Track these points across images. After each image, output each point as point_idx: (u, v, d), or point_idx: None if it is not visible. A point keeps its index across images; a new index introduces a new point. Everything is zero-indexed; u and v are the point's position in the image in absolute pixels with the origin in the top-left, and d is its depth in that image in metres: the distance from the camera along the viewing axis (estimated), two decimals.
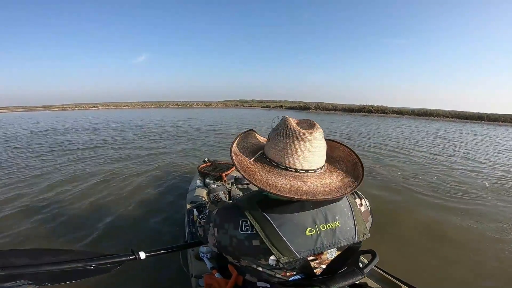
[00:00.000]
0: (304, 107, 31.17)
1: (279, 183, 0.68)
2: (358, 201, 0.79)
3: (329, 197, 0.66)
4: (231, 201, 0.84)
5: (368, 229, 0.76)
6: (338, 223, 0.68)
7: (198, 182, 2.46)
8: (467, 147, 7.93)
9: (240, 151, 0.79)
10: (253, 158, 0.76)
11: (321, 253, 0.71)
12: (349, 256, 0.73)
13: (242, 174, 0.72)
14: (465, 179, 4.31)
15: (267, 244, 0.64)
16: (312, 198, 0.65)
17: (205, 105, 41.47)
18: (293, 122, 0.76)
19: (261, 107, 38.61)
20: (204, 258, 1.14)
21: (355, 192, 0.81)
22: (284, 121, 0.76)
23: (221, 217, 0.75)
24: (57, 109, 36.68)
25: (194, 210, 1.65)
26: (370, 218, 0.81)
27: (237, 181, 2.20)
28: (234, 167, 2.65)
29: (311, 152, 0.70)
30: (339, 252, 0.74)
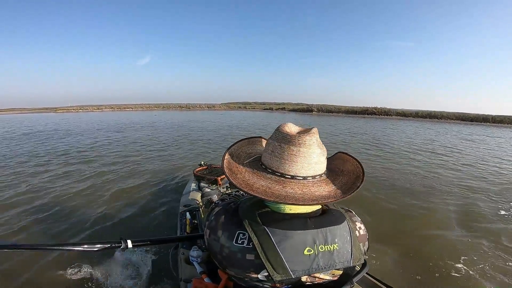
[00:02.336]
0: (307, 110, 31.12)
1: (257, 184, 0.67)
2: (358, 224, 0.77)
3: (300, 203, 0.63)
4: (230, 202, 0.81)
5: (364, 253, 0.74)
6: (337, 245, 0.66)
7: (193, 185, 2.46)
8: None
9: (238, 153, 0.79)
10: (247, 161, 0.76)
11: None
12: (344, 281, 0.71)
13: (224, 172, 0.71)
14: None
15: (262, 259, 0.62)
16: (283, 201, 0.63)
17: (208, 107, 41.58)
18: (289, 126, 0.74)
19: (264, 109, 38.64)
20: (194, 262, 1.13)
21: (355, 216, 0.79)
22: (280, 125, 0.75)
23: (217, 222, 0.72)
24: (61, 111, 37.03)
25: (187, 213, 1.66)
26: (367, 242, 0.78)
27: (232, 185, 2.18)
28: None
29: (299, 157, 0.67)
30: (333, 272, 0.70)
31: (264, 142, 0.90)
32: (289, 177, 0.68)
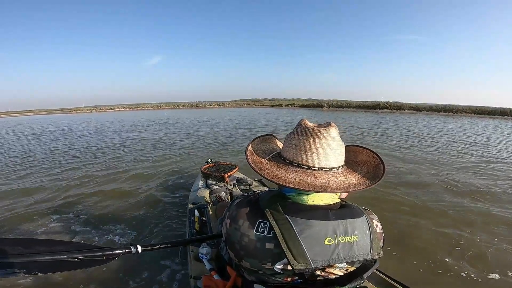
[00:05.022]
0: (317, 105, 30.79)
1: (289, 177, 0.68)
2: (375, 222, 0.78)
3: (340, 191, 0.66)
4: (250, 195, 0.82)
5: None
6: (357, 237, 0.67)
7: (201, 182, 2.48)
8: None
9: (255, 151, 0.81)
10: (267, 157, 0.77)
11: (332, 265, 0.69)
12: (360, 273, 0.71)
13: (253, 169, 0.72)
14: None
15: (284, 248, 0.62)
16: (321, 190, 0.65)
17: (217, 105, 41.80)
18: (308, 121, 0.76)
19: (273, 105, 38.49)
20: (203, 259, 1.13)
21: (372, 214, 0.80)
22: (299, 121, 0.77)
23: (239, 212, 0.73)
24: (76, 111, 38.09)
25: (195, 210, 1.68)
26: (382, 240, 0.79)
27: (239, 182, 2.19)
28: (236, 168, 2.66)
29: (325, 150, 0.70)
30: (347, 267, 0.71)
31: (274, 140, 0.92)
32: (317, 169, 0.70)
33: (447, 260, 1.99)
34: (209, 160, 3.03)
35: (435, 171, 4.44)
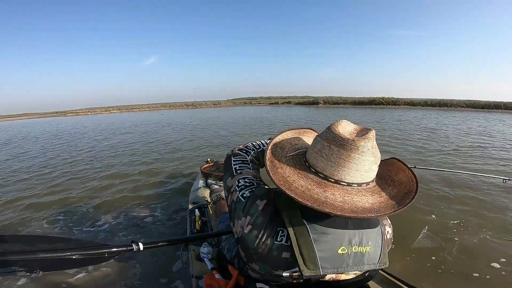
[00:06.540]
0: (313, 102, 30.79)
1: (296, 183, 0.63)
2: (387, 228, 0.76)
3: (338, 213, 0.57)
4: (269, 190, 0.74)
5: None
6: (369, 248, 0.66)
7: (201, 182, 2.48)
8: None
9: (282, 144, 0.76)
10: (290, 154, 0.72)
11: (341, 272, 0.67)
12: (366, 280, 0.71)
13: (265, 163, 0.68)
14: None
15: (296, 253, 0.61)
16: (319, 208, 0.57)
17: (214, 104, 41.59)
18: (343, 126, 0.67)
19: (270, 103, 38.41)
20: (205, 259, 1.14)
21: (386, 219, 0.78)
22: (331, 124, 0.69)
23: (263, 220, 0.67)
24: (71, 114, 37.72)
25: (196, 210, 1.68)
26: (391, 245, 0.80)
27: None
28: None
29: (348, 163, 0.61)
30: (356, 272, 0.70)
31: (312, 135, 0.86)
32: (333, 181, 0.63)
33: (450, 257, 1.98)
34: (209, 159, 3.04)
35: (440, 166, 4.38)
